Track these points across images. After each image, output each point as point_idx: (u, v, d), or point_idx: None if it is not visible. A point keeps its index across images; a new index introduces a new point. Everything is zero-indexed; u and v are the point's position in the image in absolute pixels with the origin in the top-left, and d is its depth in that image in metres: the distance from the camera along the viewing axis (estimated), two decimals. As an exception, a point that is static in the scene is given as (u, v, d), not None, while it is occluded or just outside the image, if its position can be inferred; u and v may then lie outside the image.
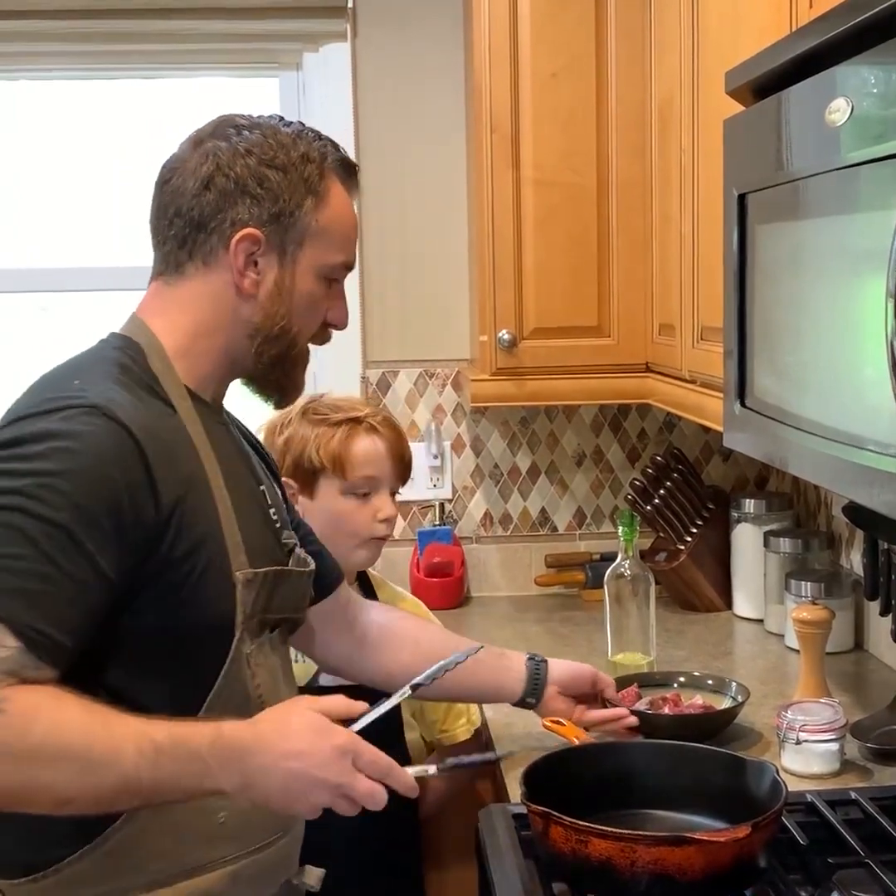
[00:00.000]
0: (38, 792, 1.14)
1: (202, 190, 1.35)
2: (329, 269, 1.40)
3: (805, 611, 1.93)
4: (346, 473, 1.93)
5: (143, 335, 1.36)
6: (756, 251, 1.48)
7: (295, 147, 1.36)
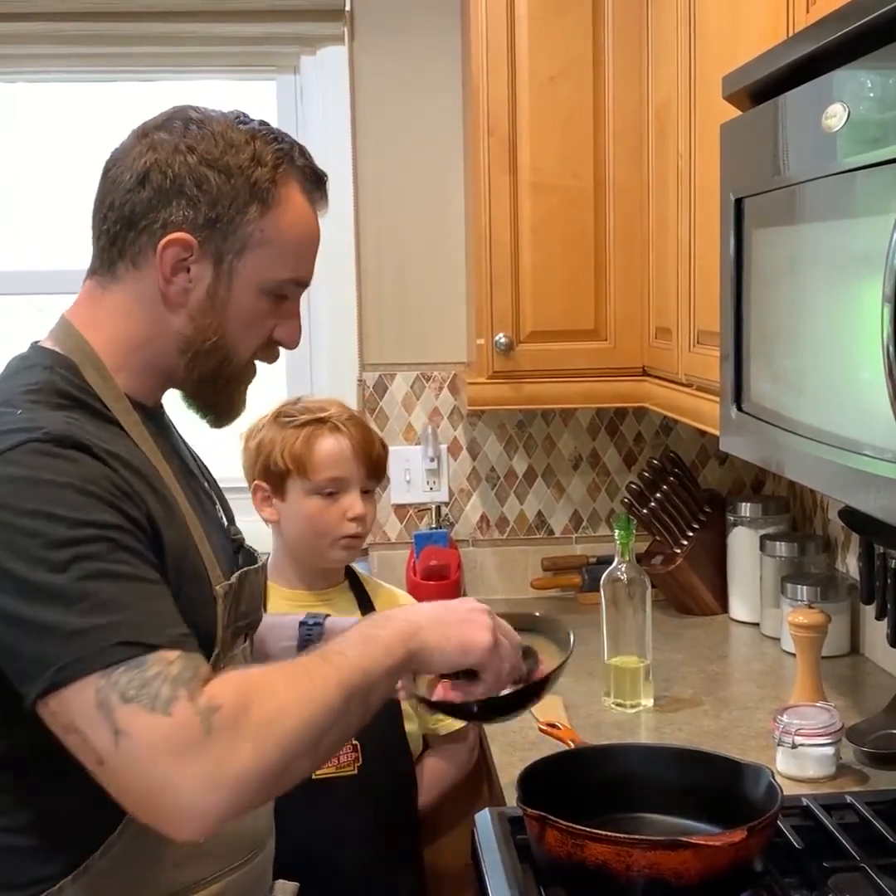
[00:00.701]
0: (294, 746, 1.10)
1: (137, 185, 1.25)
2: (274, 283, 1.27)
3: (801, 614, 1.93)
4: (308, 474, 1.95)
5: (75, 347, 1.26)
6: (753, 255, 1.48)
7: (245, 148, 1.24)
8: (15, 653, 1.08)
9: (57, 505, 1.09)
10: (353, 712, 1.16)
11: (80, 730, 1.06)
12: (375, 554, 2.79)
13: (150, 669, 1.06)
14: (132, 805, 1.09)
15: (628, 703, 2.07)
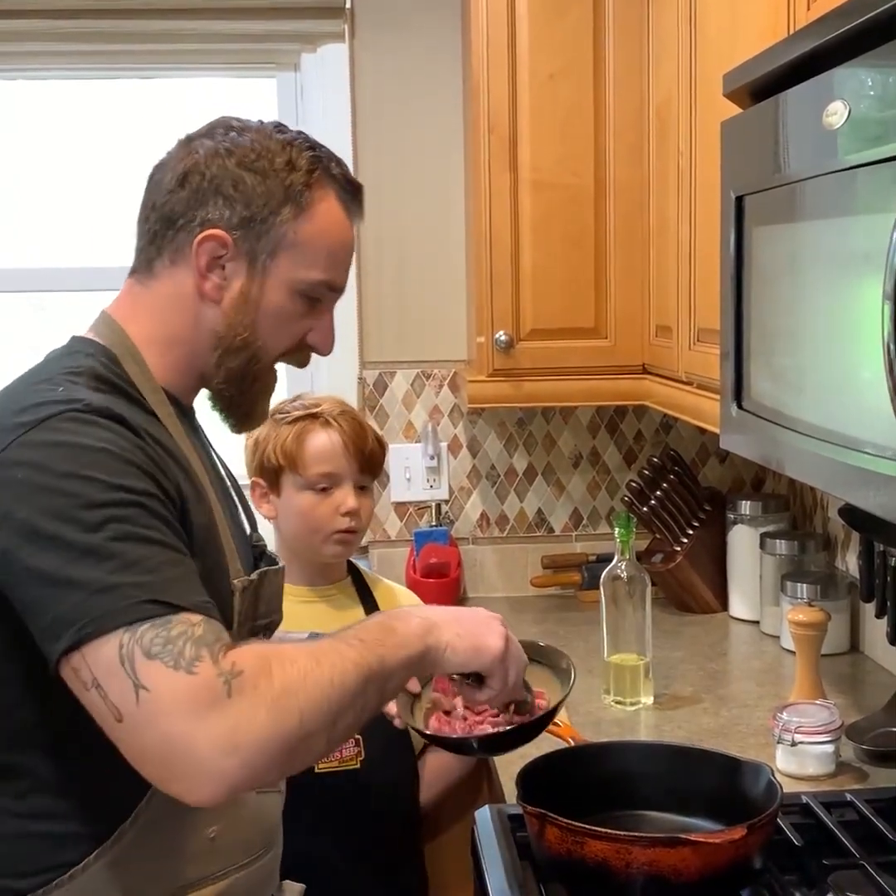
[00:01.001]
0: (312, 719, 1.11)
1: (177, 186, 1.29)
2: (306, 285, 1.31)
3: (801, 612, 1.93)
4: (300, 470, 1.95)
5: (116, 340, 1.30)
6: (753, 253, 1.48)
7: (281, 153, 1.29)
8: (42, 610, 1.10)
9: (93, 468, 1.13)
10: (368, 698, 1.18)
11: (102, 685, 1.08)
12: (375, 552, 2.79)
13: (174, 629, 1.08)
14: (147, 765, 1.09)
15: (628, 701, 2.08)
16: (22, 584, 1.12)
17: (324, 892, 1.61)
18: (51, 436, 1.15)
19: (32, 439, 1.15)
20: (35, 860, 1.21)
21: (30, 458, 1.14)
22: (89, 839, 1.21)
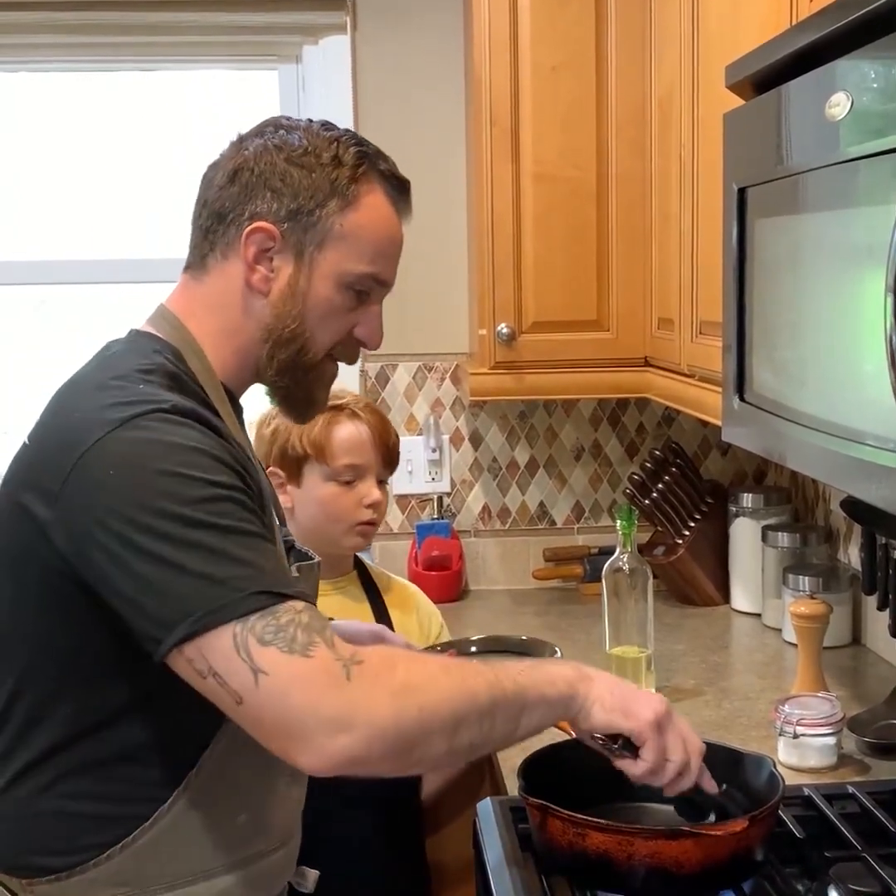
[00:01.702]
0: (432, 719, 1.14)
1: (227, 182, 1.32)
2: (353, 277, 1.33)
3: (803, 605, 1.94)
4: (328, 460, 1.95)
5: (177, 335, 1.33)
6: (755, 246, 1.48)
7: (328, 149, 1.32)
8: (146, 606, 1.13)
9: (186, 466, 1.15)
10: (497, 720, 1.19)
11: (219, 673, 1.12)
12: (377, 544, 2.79)
13: (282, 617, 1.12)
14: (270, 741, 1.14)
15: (630, 694, 2.07)
16: (120, 581, 1.14)
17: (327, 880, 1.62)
18: (141, 433, 1.17)
19: (122, 437, 1.16)
20: (73, 839, 1.25)
21: (121, 455, 1.16)
22: (127, 820, 1.24)
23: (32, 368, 2.68)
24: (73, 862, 1.24)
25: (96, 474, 1.15)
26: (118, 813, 1.24)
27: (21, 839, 1.27)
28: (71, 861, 1.24)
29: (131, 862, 1.24)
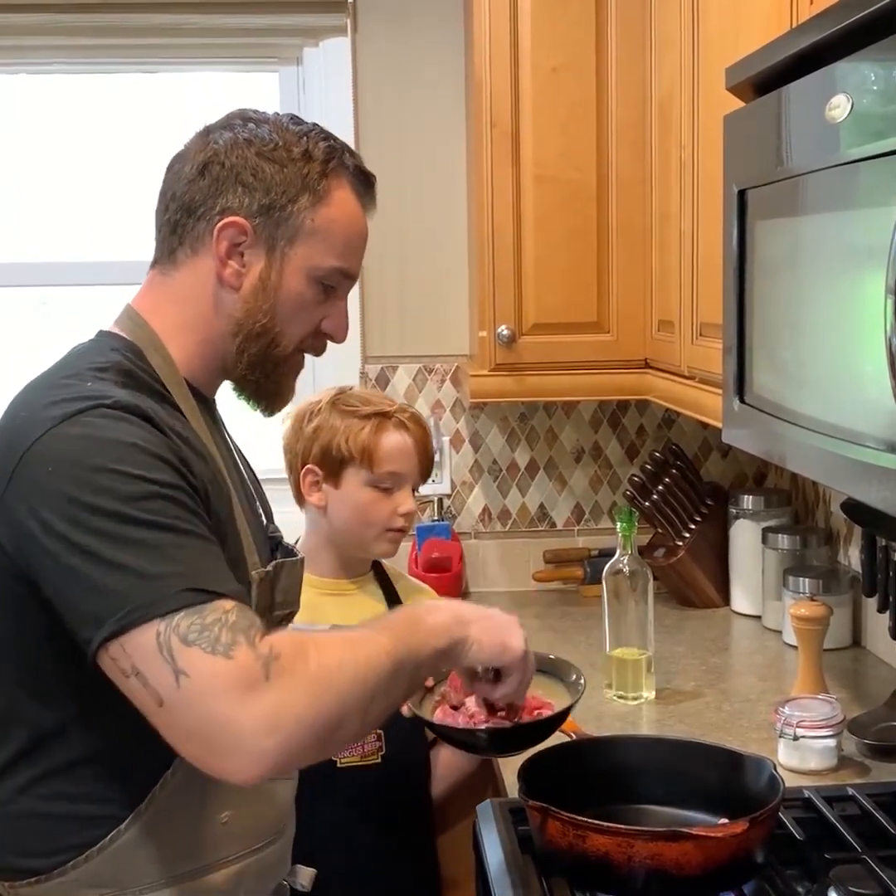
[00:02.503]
0: (348, 701, 1.15)
1: (197, 176, 1.31)
2: (322, 272, 1.34)
3: (803, 607, 1.94)
4: (373, 466, 1.96)
5: (140, 333, 1.32)
6: (756, 247, 1.48)
7: (298, 144, 1.32)
8: (76, 602, 1.13)
9: (123, 462, 1.15)
10: (399, 685, 1.21)
11: (141, 672, 1.11)
12: (377, 546, 2.79)
13: (208, 616, 1.11)
14: (190, 747, 1.12)
15: (630, 696, 2.08)
16: (54, 576, 1.14)
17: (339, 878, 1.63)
18: (80, 430, 1.16)
19: (62, 433, 1.16)
20: (52, 841, 1.24)
21: (59, 452, 1.15)
22: (106, 821, 1.24)
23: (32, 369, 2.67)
24: (53, 864, 1.24)
25: (35, 473, 1.15)
26: (94, 813, 1.24)
27: (1, 842, 1.26)
28: (50, 863, 1.24)
29: (111, 863, 1.24)
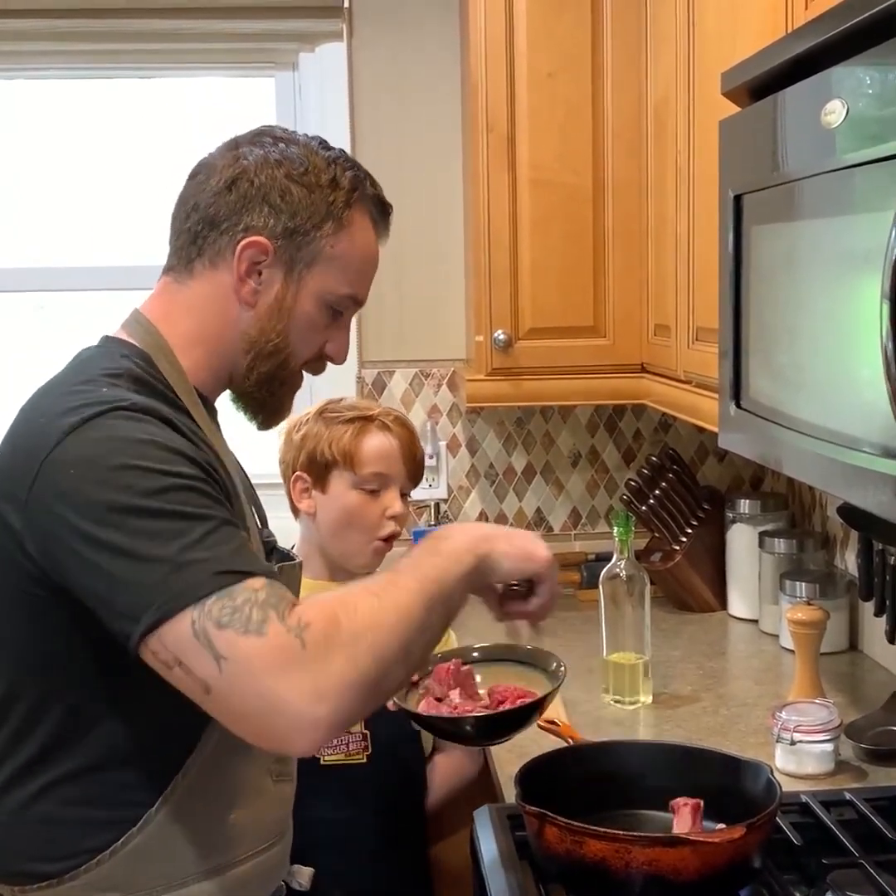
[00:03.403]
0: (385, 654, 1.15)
1: (224, 189, 1.32)
2: (335, 298, 1.36)
3: (800, 611, 1.94)
4: (356, 467, 1.97)
5: (150, 340, 1.33)
6: (751, 252, 1.48)
7: (327, 171, 1.33)
8: (110, 601, 1.14)
9: (144, 459, 1.16)
10: (434, 620, 1.21)
11: (184, 662, 1.11)
12: (374, 551, 2.79)
13: (239, 597, 1.12)
14: (245, 728, 1.13)
15: (627, 700, 2.08)
16: (85, 577, 1.14)
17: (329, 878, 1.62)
18: (99, 432, 1.17)
19: (81, 437, 1.17)
20: (64, 845, 1.25)
21: (80, 454, 1.16)
22: (116, 825, 1.25)
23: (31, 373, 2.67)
24: (65, 868, 1.24)
25: (58, 476, 1.16)
26: (108, 818, 1.25)
27: (14, 846, 1.27)
28: (62, 867, 1.25)
29: (122, 867, 1.25)
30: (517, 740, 1.85)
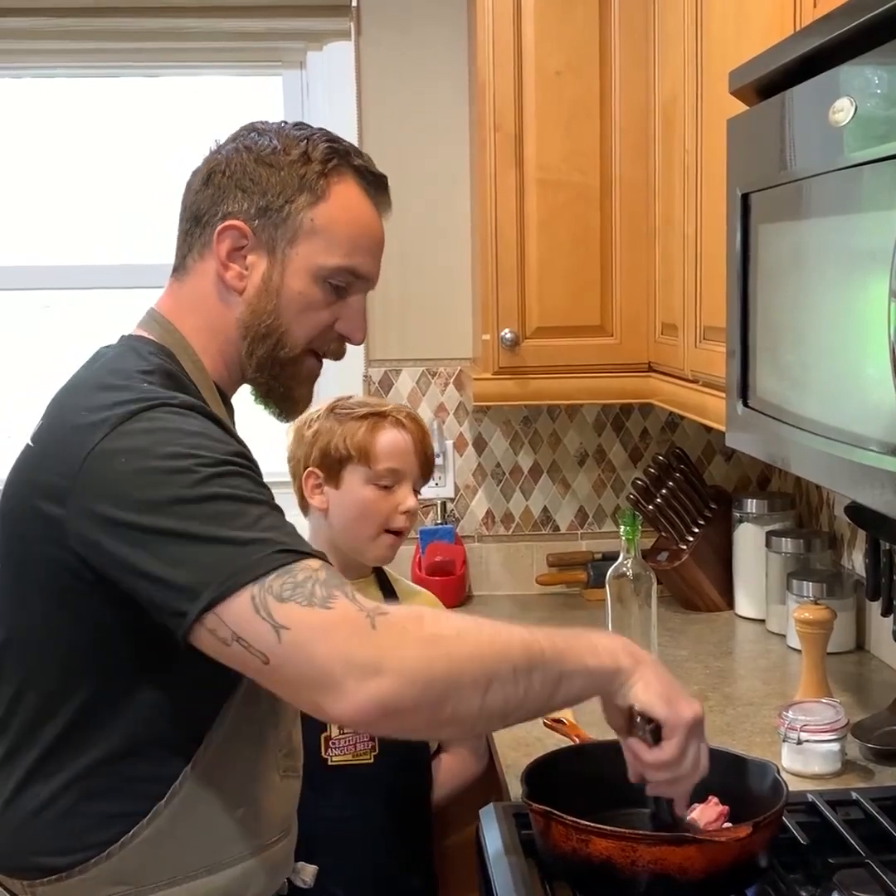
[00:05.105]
0: (463, 670, 1.13)
1: (202, 186, 1.36)
2: (327, 271, 1.35)
3: (807, 611, 1.93)
4: (370, 462, 1.98)
5: (169, 336, 1.35)
6: (759, 251, 1.48)
7: (297, 147, 1.34)
8: (167, 584, 1.14)
9: (195, 447, 1.18)
10: (534, 681, 1.17)
11: (242, 637, 1.12)
12: (381, 549, 2.79)
13: (299, 574, 1.13)
14: (300, 696, 1.15)
15: (633, 699, 2.07)
16: (147, 563, 1.14)
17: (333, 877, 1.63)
18: (148, 424, 1.19)
19: (129, 429, 1.19)
20: (74, 839, 1.25)
21: (131, 445, 1.18)
22: (126, 818, 1.25)
23: (37, 372, 2.68)
24: (75, 861, 1.25)
25: (108, 464, 1.17)
26: (120, 811, 1.25)
27: (25, 840, 1.28)
28: (72, 860, 1.25)
29: (131, 860, 1.25)
30: (523, 739, 1.86)
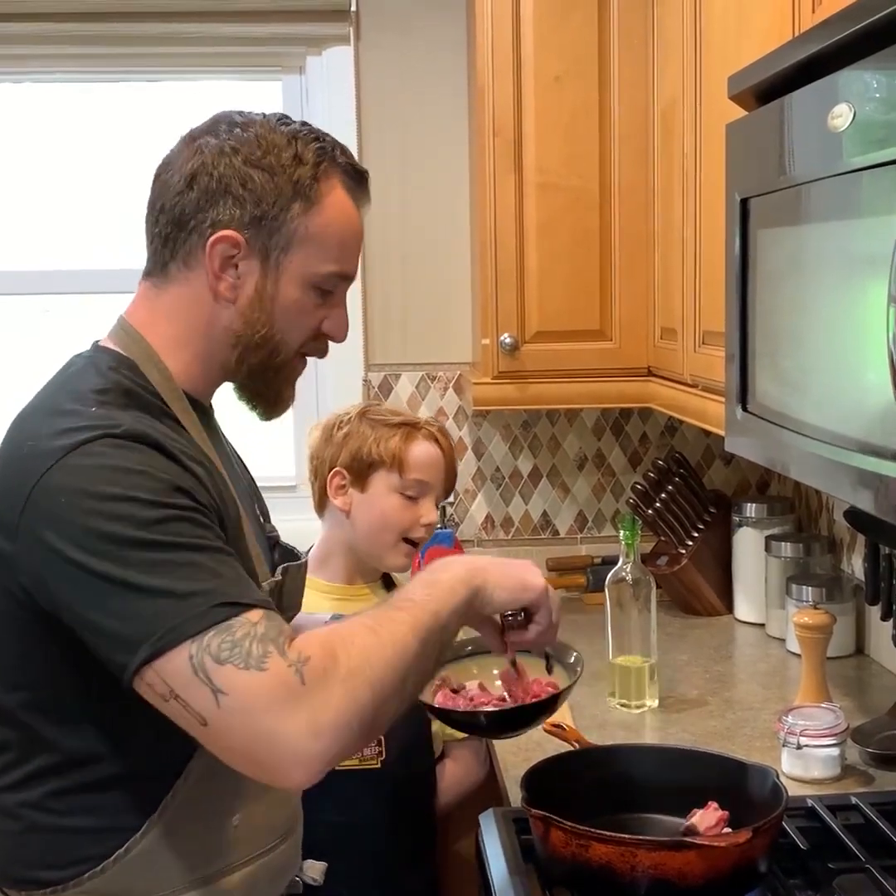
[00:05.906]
0: (383, 688, 1.16)
1: (185, 187, 1.29)
2: (320, 278, 1.31)
3: (806, 615, 1.93)
4: (402, 471, 1.99)
5: (136, 347, 1.31)
6: (758, 256, 1.48)
7: (288, 148, 1.28)
8: (104, 632, 1.13)
9: (137, 489, 1.15)
10: (429, 652, 1.22)
11: (180, 696, 1.11)
12: (380, 554, 2.79)
13: (238, 631, 1.12)
14: (240, 761, 1.14)
15: (633, 704, 2.07)
16: (80, 608, 1.14)
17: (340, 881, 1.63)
18: (90, 460, 1.16)
19: (72, 463, 1.16)
20: (68, 853, 1.25)
21: (71, 483, 1.15)
22: (120, 832, 1.24)
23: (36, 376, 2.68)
24: (70, 875, 1.24)
25: (49, 504, 1.15)
26: (111, 825, 1.24)
27: (20, 853, 1.26)
28: (67, 874, 1.24)
29: (126, 873, 1.24)
30: (523, 744, 1.87)
